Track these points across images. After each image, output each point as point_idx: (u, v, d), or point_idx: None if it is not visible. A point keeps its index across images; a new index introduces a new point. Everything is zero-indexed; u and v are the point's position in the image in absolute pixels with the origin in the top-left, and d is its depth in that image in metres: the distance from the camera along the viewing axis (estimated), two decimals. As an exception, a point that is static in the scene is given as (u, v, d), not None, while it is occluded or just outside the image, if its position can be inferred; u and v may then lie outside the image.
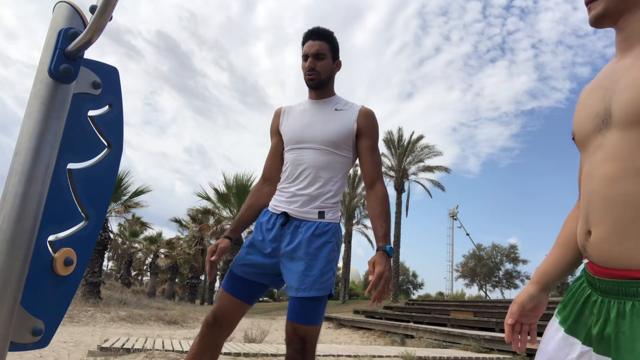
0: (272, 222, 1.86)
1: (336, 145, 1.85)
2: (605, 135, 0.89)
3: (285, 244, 1.81)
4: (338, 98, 1.98)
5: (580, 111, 0.99)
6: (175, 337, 7.89)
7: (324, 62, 1.89)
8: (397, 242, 26.55)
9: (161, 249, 31.15)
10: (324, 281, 1.73)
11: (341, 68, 1.99)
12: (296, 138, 1.90)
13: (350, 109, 1.91)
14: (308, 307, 1.71)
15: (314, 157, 1.85)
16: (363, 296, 44.48)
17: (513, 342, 1.15)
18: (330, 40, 1.92)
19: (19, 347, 0.79)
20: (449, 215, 43.41)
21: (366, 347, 7.84)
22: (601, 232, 0.88)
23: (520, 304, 1.13)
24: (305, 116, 1.94)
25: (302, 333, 1.70)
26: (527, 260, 43.67)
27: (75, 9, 0.89)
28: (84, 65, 0.89)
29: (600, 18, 0.95)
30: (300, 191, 1.84)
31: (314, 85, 1.92)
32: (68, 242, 0.86)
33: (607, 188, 0.86)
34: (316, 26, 1.93)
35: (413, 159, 27.21)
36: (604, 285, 0.89)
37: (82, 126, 0.90)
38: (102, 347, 5.07)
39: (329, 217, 1.83)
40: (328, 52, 1.90)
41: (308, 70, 1.89)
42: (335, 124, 1.87)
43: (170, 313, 13.51)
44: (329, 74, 1.93)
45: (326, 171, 1.85)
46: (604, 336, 0.86)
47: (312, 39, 1.90)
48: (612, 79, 0.91)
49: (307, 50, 1.90)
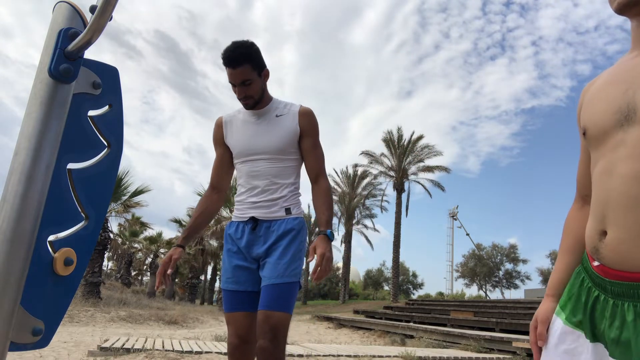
0: (241, 230, 1.94)
1: (284, 151, 1.94)
2: (627, 132, 0.84)
3: (260, 246, 1.89)
4: (276, 102, 2.02)
5: (594, 106, 0.94)
6: (175, 337, 7.90)
7: (252, 86, 1.89)
8: (397, 242, 26.55)
9: (161, 249, 31.13)
10: (294, 269, 1.84)
11: (269, 76, 1.98)
12: (246, 151, 1.97)
13: (290, 112, 1.98)
14: (280, 293, 1.79)
15: (266, 166, 1.93)
16: (363, 296, 44.51)
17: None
18: (250, 59, 1.84)
19: (19, 347, 0.79)
20: (449, 215, 43.48)
21: (366, 347, 7.84)
22: (620, 233, 0.83)
23: (546, 321, 1.06)
24: (249, 127, 1.99)
25: (274, 321, 1.75)
26: (527, 260, 43.83)
27: (75, 9, 0.89)
28: (84, 65, 0.89)
29: (633, 5, 0.89)
30: (262, 199, 1.93)
31: (250, 107, 1.97)
32: (68, 242, 0.86)
33: (631, 187, 0.82)
34: (230, 48, 1.83)
35: (413, 158, 27.22)
36: (618, 289, 0.84)
37: (82, 126, 0.90)
38: (102, 347, 5.07)
39: (295, 212, 1.94)
40: (252, 73, 1.86)
41: (241, 98, 1.92)
42: (280, 131, 1.94)
43: (170, 313, 13.50)
44: (261, 91, 1.94)
45: (281, 177, 1.94)
46: (622, 341, 0.82)
47: (231, 68, 1.84)
48: (633, 74, 0.87)
49: (232, 80, 1.88)
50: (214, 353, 5.10)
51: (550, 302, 1.09)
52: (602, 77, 0.98)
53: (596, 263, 0.91)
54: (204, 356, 4.91)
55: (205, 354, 5.04)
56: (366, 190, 30.96)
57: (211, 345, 5.88)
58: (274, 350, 1.72)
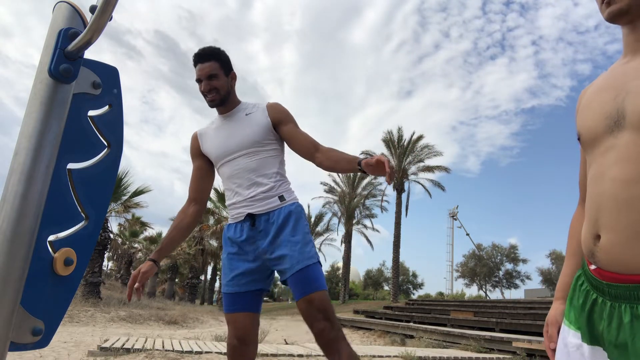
0: (239, 230, 1.93)
1: (260, 143, 1.96)
2: (617, 137, 0.86)
3: (263, 240, 1.87)
4: (245, 105, 2.06)
5: (587, 111, 0.96)
6: (175, 337, 7.90)
7: (218, 81, 1.95)
8: (397, 242, 26.54)
9: (161, 249, 31.10)
10: (309, 251, 1.85)
11: (237, 79, 2.05)
12: (223, 153, 1.99)
13: (259, 109, 2.02)
14: (308, 276, 1.80)
15: (246, 162, 1.95)
16: (363, 296, 44.51)
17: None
18: (218, 57, 1.96)
19: (19, 347, 0.79)
20: (449, 215, 43.47)
21: (366, 347, 7.84)
22: (613, 236, 0.85)
23: (556, 324, 1.09)
24: (222, 131, 2.03)
25: (317, 302, 1.75)
26: (527, 260, 43.75)
27: (75, 9, 0.89)
28: (84, 65, 0.89)
29: (624, 14, 0.91)
30: (252, 194, 1.92)
31: (216, 104, 2.00)
32: (68, 242, 0.86)
33: (621, 190, 0.83)
34: (202, 48, 1.98)
35: (413, 159, 27.21)
36: (615, 291, 0.86)
37: (82, 126, 0.90)
38: (102, 347, 5.07)
39: (289, 198, 1.95)
40: (219, 70, 1.95)
41: (205, 93, 1.96)
42: (252, 126, 1.97)
43: (170, 313, 13.51)
44: (227, 89, 2.00)
45: (263, 168, 1.95)
46: (619, 343, 0.83)
47: (200, 63, 1.95)
48: (623, 80, 0.89)
49: (199, 75, 1.96)
50: (214, 353, 5.10)
51: (558, 305, 1.11)
52: (597, 83, 1.00)
53: (593, 266, 0.92)
54: (204, 356, 4.91)
55: (205, 354, 5.04)
56: (366, 190, 30.97)
57: (211, 345, 5.88)
58: (332, 328, 1.73)
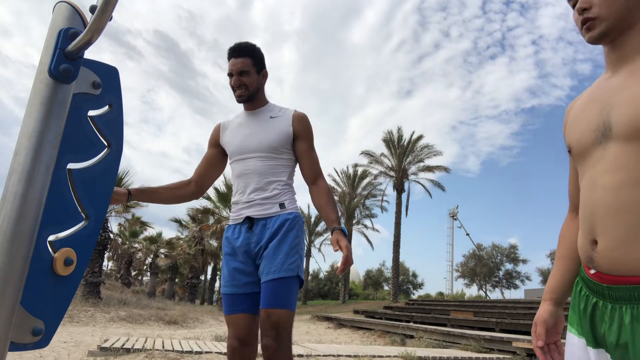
0: (238, 231, 1.95)
1: (276, 150, 1.96)
2: (605, 148, 0.92)
3: (255, 244, 1.89)
4: (271, 106, 2.07)
5: (575, 125, 1.02)
6: (175, 337, 7.90)
7: (248, 78, 1.97)
8: (397, 242, 26.53)
9: (161, 249, 31.14)
10: (291, 263, 1.82)
11: (268, 77, 2.06)
12: (239, 149, 2.00)
13: (285, 115, 2.02)
14: (278, 289, 1.78)
15: (258, 164, 1.95)
16: (363, 296, 44.51)
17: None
18: (252, 54, 1.98)
19: (19, 347, 0.79)
20: (449, 215, 43.46)
21: (366, 347, 7.84)
22: (609, 241, 0.89)
23: (544, 323, 1.13)
24: (244, 128, 2.03)
25: (275, 318, 1.74)
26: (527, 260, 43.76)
27: (75, 9, 0.89)
28: (84, 65, 0.89)
29: (603, 37, 0.98)
30: (256, 197, 1.93)
31: (243, 100, 2.01)
32: (68, 242, 0.86)
33: (612, 197, 0.88)
34: (237, 43, 2.00)
35: (413, 158, 27.19)
36: (615, 293, 0.89)
37: (82, 126, 0.90)
38: (102, 347, 5.08)
39: (290, 207, 1.94)
40: (251, 67, 1.97)
41: (234, 87, 1.97)
42: (273, 131, 1.97)
43: (170, 313, 13.51)
44: (256, 87, 2.01)
45: (273, 175, 1.95)
46: (620, 344, 0.86)
47: (234, 57, 1.97)
48: (607, 95, 0.95)
49: (231, 69, 1.98)
50: (214, 353, 5.10)
51: (546, 305, 1.15)
52: (582, 97, 1.06)
53: (592, 271, 0.96)
54: (204, 356, 4.91)
55: (205, 354, 5.04)
56: (366, 190, 30.96)
57: (211, 345, 5.88)
58: (278, 348, 1.72)
